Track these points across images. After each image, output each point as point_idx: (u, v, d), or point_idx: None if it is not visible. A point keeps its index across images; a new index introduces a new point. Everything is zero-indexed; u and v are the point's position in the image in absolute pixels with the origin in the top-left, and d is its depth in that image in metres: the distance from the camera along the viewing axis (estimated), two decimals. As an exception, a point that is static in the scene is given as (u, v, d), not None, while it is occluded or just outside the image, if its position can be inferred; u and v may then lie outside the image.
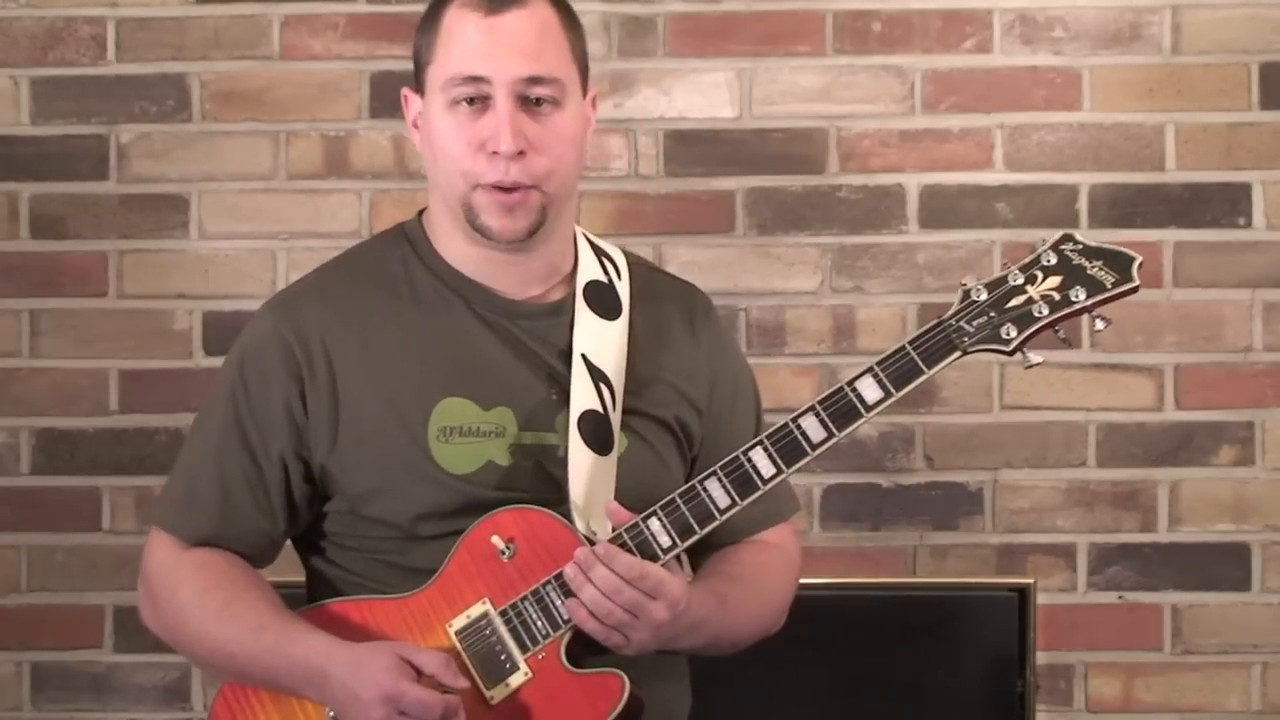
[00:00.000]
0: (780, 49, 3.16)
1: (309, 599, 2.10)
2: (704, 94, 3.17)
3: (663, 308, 2.15)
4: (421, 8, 3.17)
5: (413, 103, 2.07)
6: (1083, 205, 3.15)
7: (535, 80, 1.97)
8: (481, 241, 2.03)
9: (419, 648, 1.90)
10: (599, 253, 2.14)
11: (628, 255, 2.18)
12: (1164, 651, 3.15)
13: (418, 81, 2.06)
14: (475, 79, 1.97)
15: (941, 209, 3.16)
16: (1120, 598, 3.16)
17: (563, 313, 2.07)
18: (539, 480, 2.00)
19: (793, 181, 3.16)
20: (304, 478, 2.03)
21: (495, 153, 1.96)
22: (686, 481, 2.09)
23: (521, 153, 1.96)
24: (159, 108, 3.17)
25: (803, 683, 2.78)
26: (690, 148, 3.17)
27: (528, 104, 1.98)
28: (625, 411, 2.04)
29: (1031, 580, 2.89)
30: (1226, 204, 3.15)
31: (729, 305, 3.11)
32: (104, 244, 3.17)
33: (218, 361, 3.10)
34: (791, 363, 3.15)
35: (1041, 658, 2.92)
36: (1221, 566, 3.15)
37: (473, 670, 1.93)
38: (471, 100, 1.97)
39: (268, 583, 2.05)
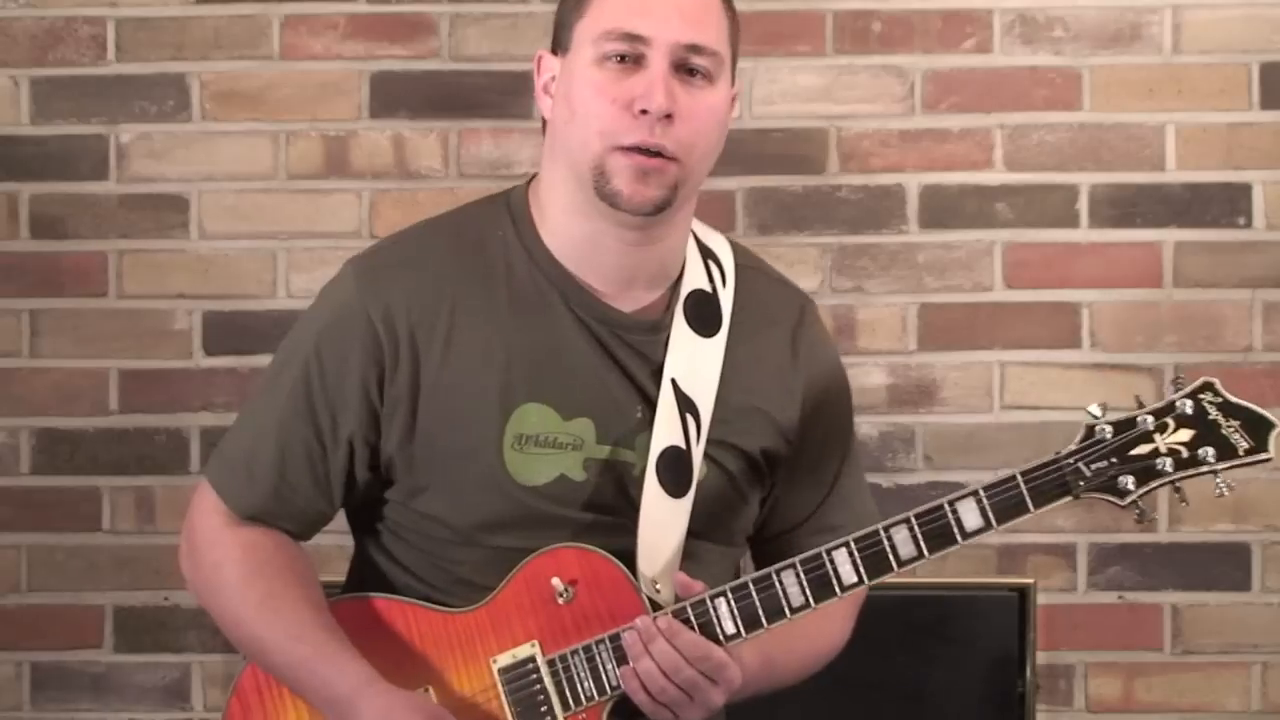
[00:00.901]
0: (780, 49, 3.16)
1: (350, 577, 2.06)
2: (704, 94, 3.16)
3: (764, 323, 2.05)
4: (422, 8, 3.20)
5: (547, 65, 1.96)
6: (1083, 205, 3.15)
7: (695, 49, 1.87)
8: (602, 216, 1.91)
9: None
10: (705, 255, 2.04)
11: (736, 254, 2.08)
12: (1164, 651, 3.15)
13: (558, 43, 1.95)
14: (633, 36, 1.86)
15: (941, 209, 3.16)
16: (1120, 598, 3.16)
17: (661, 329, 1.97)
18: (610, 498, 1.93)
19: (793, 181, 3.16)
20: (369, 465, 1.96)
21: (643, 112, 1.85)
22: (761, 503, 2.04)
23: (669, 116, 1.85)
24: (159, 108, 3.17)
25: (803, 682, 2.78)
26: (690, 148, 3.16)
27: (681, 72, 1.87)
28: (710, 441, 1.96)
29: (1031, 580, 2.89)
30: (1226, 204, 3.15)
31: (729, 305, 3.11)
32: (104, 244, 3.17)
33: (218, 361, 3.14)
34: (791, 363, 3.15)
35: (1041, 658, 2.92)
36: (1221, 566, 3.15)
37: (510, 716, 1.89)
38: (623, 58, 1.87)
39: (313, 572, 1.99)
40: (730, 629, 1.86)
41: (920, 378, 3.15)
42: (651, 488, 1.92)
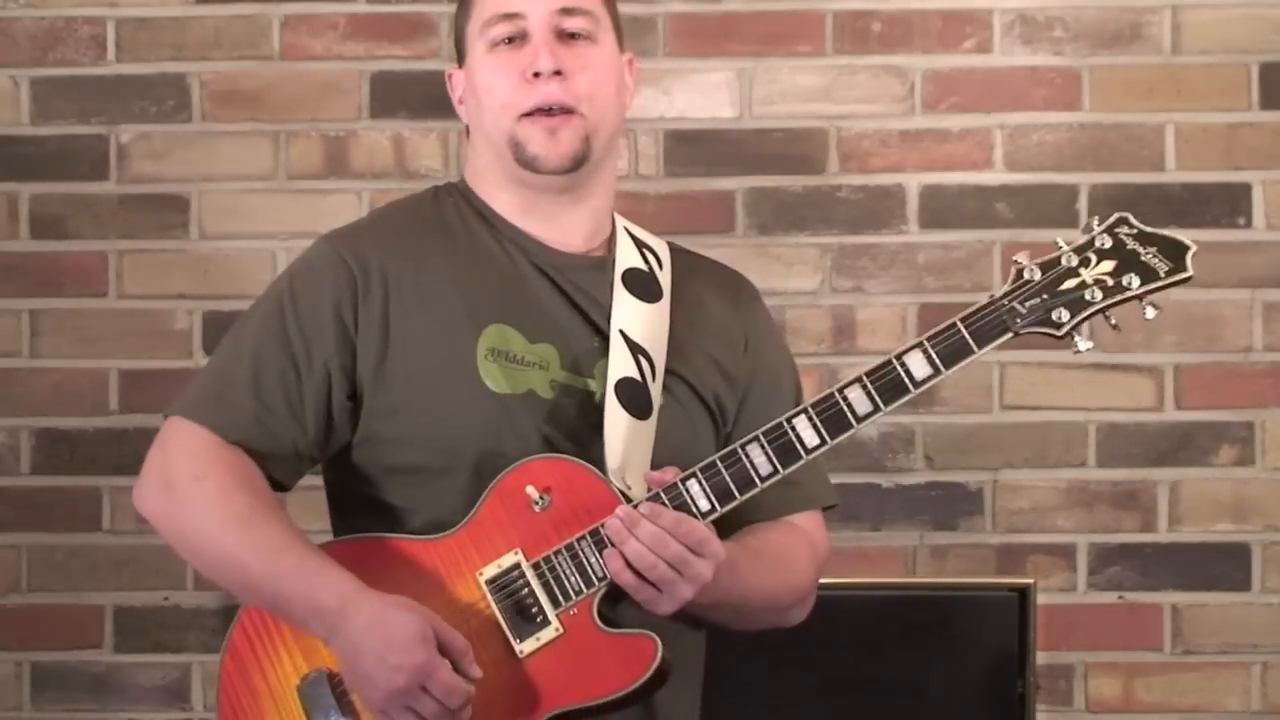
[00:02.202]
0: (780, 49, 3.16)
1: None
2: (704, 94, 3.17)
3: (705, 285, 2.16)
4: (422, 8, 3.20)
5: (457, 81, 2.12)
6: (1083, 205, 3.15)
7: (568, 11, 2.03)
8: (529, 183, 2.05)
9: (445, 624, 1.88)
10: (640, 245, 2.14)
11: (672, 246, 2.19)
12: (1164, 651, 3.15)
13: (460, 56, 2.11)
14: (511, 15, 2.02)
15: (941, 209, 3.16)
16: (1120, 598, 3.16)
17: (605, 268, 2.09)
18: (575, 420, 1.99)
19: (793, 181, 3.16)
20: (346, 394, 2.00)
21: (536, 75, 2.00)
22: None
23: (559, 73, 2.00)
24: (159, 108, 3.17)
25: (803, 683, 2.78)
26: (690, 148, 3.17)
27: (564, 37, 2.03)
28: (666, 372, 2.04)
29: (1031, 580, 2.89)
30: (1226, 204, 3.15)
31: (729, 305, 3.11)
32: (104, 244, 3.17)
33: (218, 361, 3.14)
34: (791, 363, 3.15)
35: (1041, 658, 2.92)
36: (1221, 566, 3.15)
37: (502, 622, 1.92)
38: (510, 39, 2.03)
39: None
40: (705, 505, 1.92)
41: (920, 378, 3.15)
42: (613, 409, 1.99)
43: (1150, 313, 1.94)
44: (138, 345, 3.17)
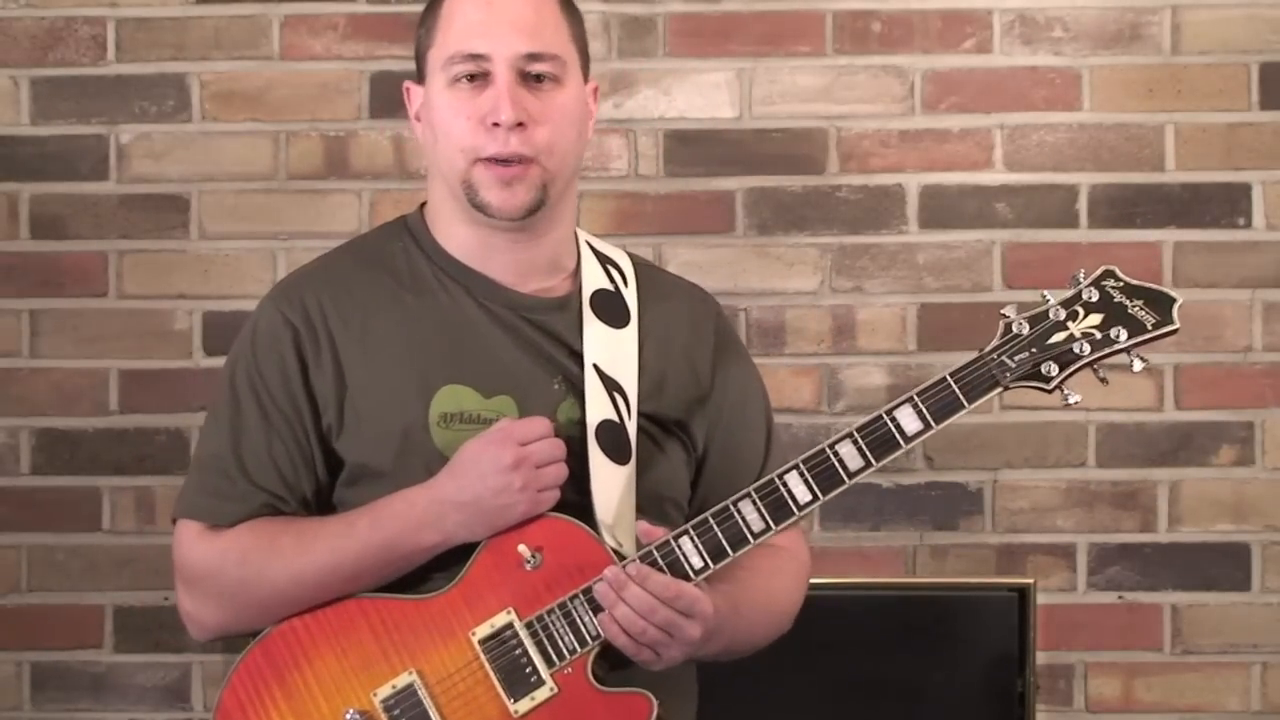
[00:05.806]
0: (780, 49, 3.16)
1: None
2: (704, 94, 3.17)
3: (671, 307, 2.15)
4: (422, 8, 3.19)
5: (414, 95, 2.10)
6: (1082, 205, 3.15)
7: (534, 57, 1.99)
8: (482, 222, 2.03)
9: (513, 421, 1.93)
10: (604, 260, 2.13)
11: (633, 258, 2.18)
12: (1164, 651, 3.15)
13: (420, 73, 2.08)
14: (475, 56, 1.99)
15: (941, 209, 3.16)
16: (1120, 598, 3.16)
17: (568, 309, 2.07)
18: None
19: (793, 181, 3.16)
20: (326, 466, 2.02)
21: (496, 125, 1.97)
22: (692, 486, 2.09)
23: (521, 125, 1.97)
24: (159, 108, 3.17)
25: (803, 683, 2.78)
26: (690, 148, 3.17)
27: (528, 80, 1.99)
28: (639, 414, 2.04)
29: (1031, 580, 2.89)
30: (1226, 204, 3.15)
31: (729, 305, 3.11)
32: (104, 244, 3.17)
33: (218, 362, 3.10)
34: (791, 363, 3.15)
35: (1041, 658, 2.92)
36: (1221, 566, 3.15)
37: (496, 682, 1.91)
38: (472, 77, 1.99)
39: None
40: (698, 563, 1.92)
41: (920, 378, 3.13)
42: (596, 456, 1.99)
43: (1138, 365, 1.95)
44: (138, 345, 3.17)
